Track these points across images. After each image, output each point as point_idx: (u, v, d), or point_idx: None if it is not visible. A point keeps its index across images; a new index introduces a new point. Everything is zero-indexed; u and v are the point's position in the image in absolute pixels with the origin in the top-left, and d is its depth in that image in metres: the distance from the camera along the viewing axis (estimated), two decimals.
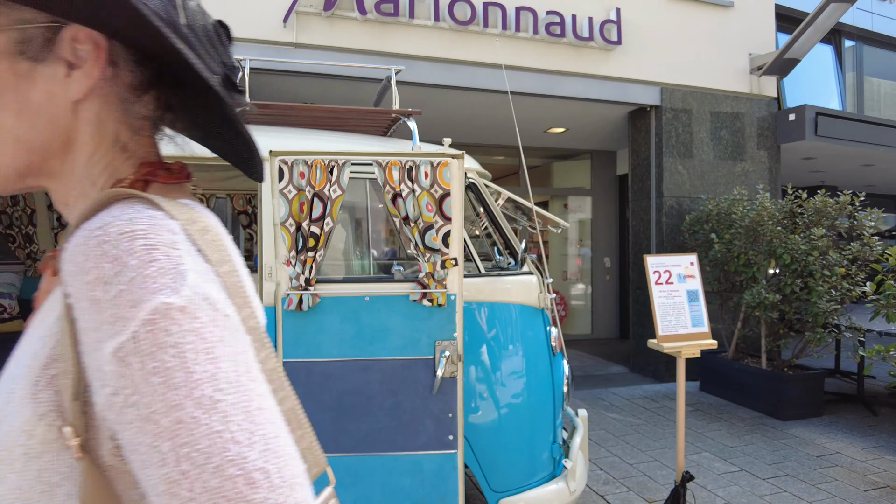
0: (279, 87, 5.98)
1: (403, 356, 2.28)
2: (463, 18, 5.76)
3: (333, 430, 2.26)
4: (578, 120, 7.37)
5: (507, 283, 2.66)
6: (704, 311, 2.69)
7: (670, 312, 2.63)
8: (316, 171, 2.19)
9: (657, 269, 2.66)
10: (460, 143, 8.72)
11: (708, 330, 2.67)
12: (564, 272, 9.31)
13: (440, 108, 6.83)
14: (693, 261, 2.73)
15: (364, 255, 3.20)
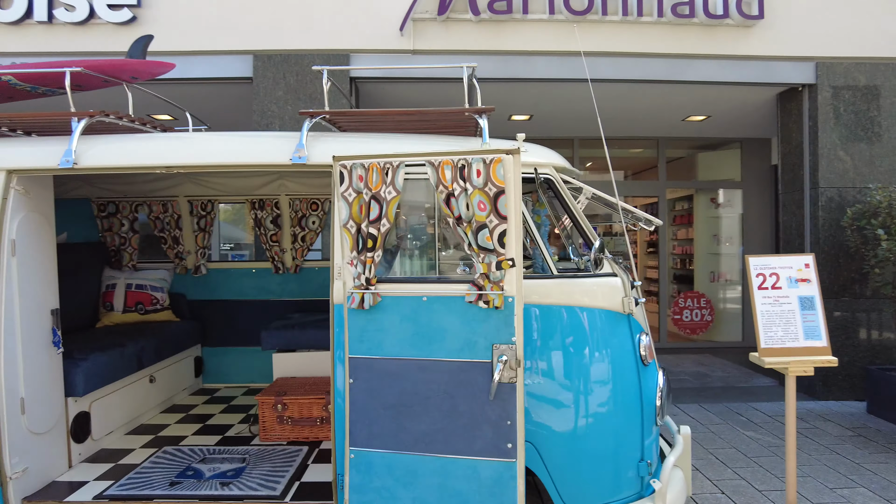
0: (398, 93, 6.23)
1: (460, 358, 2.24)
2: (580, 8, 5.51)
3: (394, 428, 2.29)
4: (719, 106, 6.67)
5: (583, 286, 2.49)
6: (822, 322, 2.28)
7: (776, 322, 2.27)
8: (372, 174, 2.23)
9: (761, 272, 2.32)
10: (588, 138, 8.37)
11: (826, 344, 2.25)
12: (712, 273, 8.50)
13: (560, 102, 6.61)
14: (809, 262, 2.33)
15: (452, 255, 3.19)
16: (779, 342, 2.25)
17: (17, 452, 2.53)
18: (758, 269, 2.33)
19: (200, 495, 2.54)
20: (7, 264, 2.52)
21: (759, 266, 2.33)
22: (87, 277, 3.99)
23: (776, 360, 2.21)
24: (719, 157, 8.67)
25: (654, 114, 7.17)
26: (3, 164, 2.55)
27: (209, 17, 5.67)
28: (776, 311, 2.28)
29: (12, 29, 5.63)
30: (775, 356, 2.22)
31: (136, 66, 2.96)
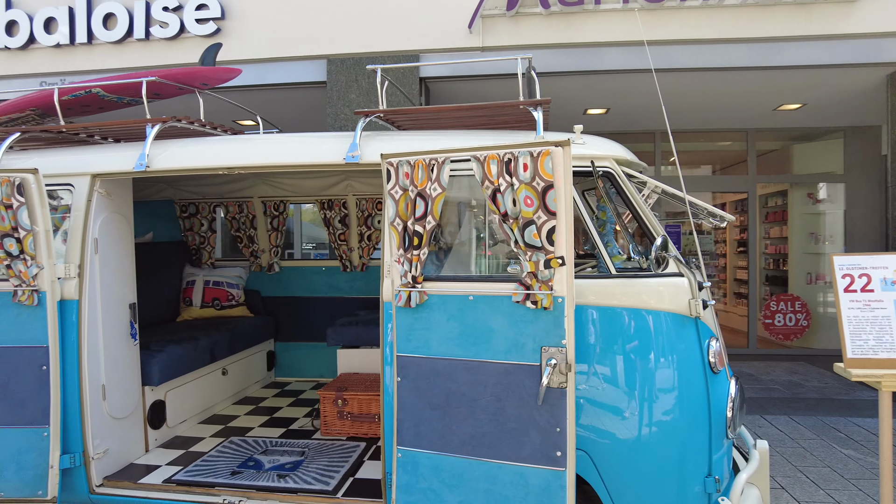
0: (467, 91, 6.19)
1: (507, 360, 2.16)
2: None
3: (441, 429, 2.25)
4: (817, 92, 6.12)
5: (645, 286, 2.34)
6: None
7: (867, 329, 2.02)
8: (418, 171, 2.21)
9: (848, 273, 2.07)
10: (664, 131, 7.94)
11: None
12: (809, 274, 7.82)
13: (638, 94, 6.32)
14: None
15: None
16: (870, 352, 2.00)
17: (99, 435, 2.73)
18: (844, 268, 2.08)
19: (258, 486, 2.62)
20: (90, 261, 2.72)
21: (846, 265, 2.08)
22: (169, 274, 4.26)
23: (866, 373, 1.96)
24: (818, 149, 7.96)
25: (741, 104, 6.69)
26: (88, 169, 2.75)
27: (286, 25, 5.91)
28: (867, 316, 2.02)
29: (116, 48, 6.13)
30: (865, 368, 1.97)
31: (205, 73, 3.12)
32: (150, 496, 2.64)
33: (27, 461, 2.56)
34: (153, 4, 5.96)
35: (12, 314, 2.59)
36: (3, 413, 2.59)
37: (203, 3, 5.89)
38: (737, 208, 8.69)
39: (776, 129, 7.72)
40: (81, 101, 3.18)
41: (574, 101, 6.66)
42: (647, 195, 2.59)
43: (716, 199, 9.10)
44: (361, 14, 5.81)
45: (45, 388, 2.57)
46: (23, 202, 2.52)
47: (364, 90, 5.81)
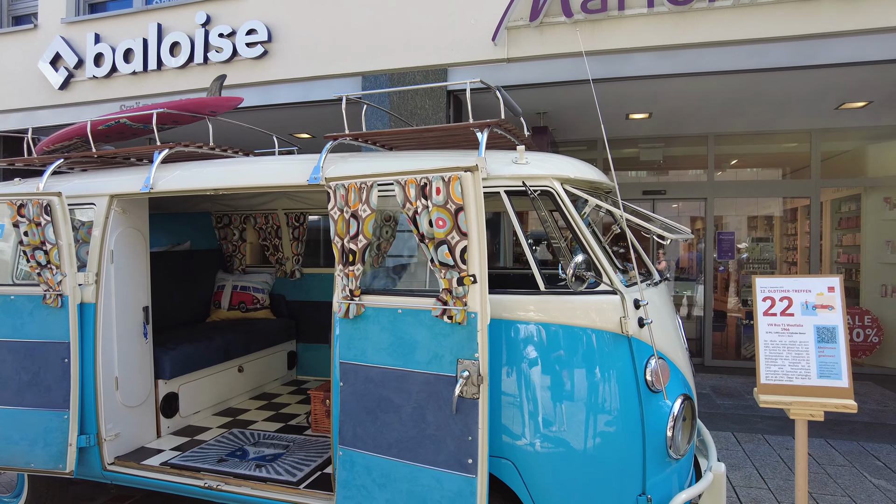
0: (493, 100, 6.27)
1: (428, 370, 2.30)
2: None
3: (374, 431, 2.43)
4: (881, 89, 5.64)
5: (570, 303, 2.39)
6: (845, 360, 1.92)
7: (783, 354, 1.97)
8: (351, 194, 2.40)
9: (769, 295, 2.03)
10: (724, 134, 7.58)
11: (848, 385, 1.89)
12: (884, 286, 7.18)
13: (680, 98, 6.13)
14: (834, 285, 1.97)
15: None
16: (784, 378, 1.95)
17: (112, 420, 3.16)
18: (766, 291, 2.03)
19: (234, 473, 2.93)
20: (106, 270, 3.15)
21: (767, 288, 2.03)
22: (204, 279, 4.73)
23: (776, 399, 1.92)
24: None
25: (797, 104, 6.29)
26: (107, 190, 3.20)
27: (325, 45, 6.30)
28: (783, 341, 1.97)
29: (180, 72, 6.82)
30: (776, 394, 1.93)
31: (212, 103, 3.49)
32: (147, 475, 3.02)
33: (51, 439, 3.03)
34: (211, 32, 6.57)
35: (42, 314, 3.07)
36: (34, 397, 3.07)
37: (252, 28, 6.41)
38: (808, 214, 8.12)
39: (842, 128, 7.15)
40: (116, 130, 3.66)
41: (614, 107, 6.57)
42: (587, 213, 2.63)
43: (786, 203, 8.53)
44: (392, 32, 6.08)
45: (66, 378, 3.02)
46: (49, 220, 2.99)
47: (395, 105, 6.07)
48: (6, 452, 3.07)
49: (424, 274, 2.79)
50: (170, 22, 6.87)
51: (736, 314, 8.14)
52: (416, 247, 2.86)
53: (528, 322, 2.42)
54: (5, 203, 3.05)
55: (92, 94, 7.25)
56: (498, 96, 3.00)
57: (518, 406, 2.39)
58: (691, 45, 5.24)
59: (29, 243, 3.03)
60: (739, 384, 6.53)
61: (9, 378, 3.09)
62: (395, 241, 2.91)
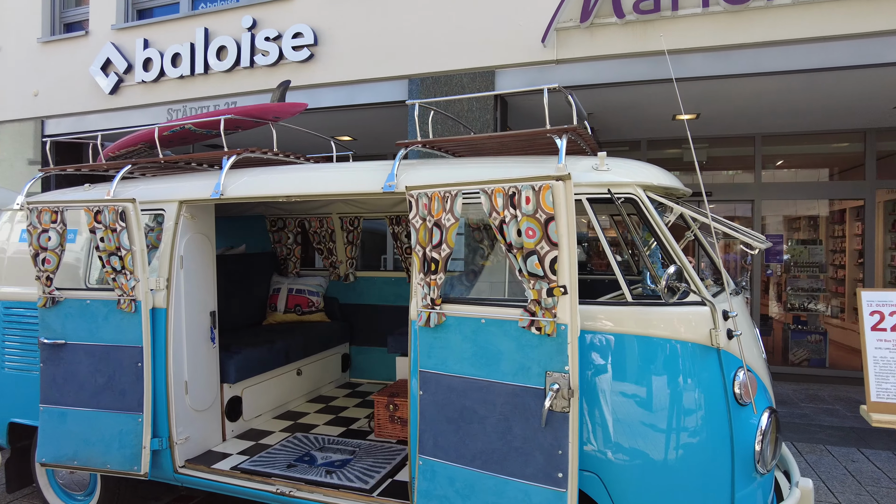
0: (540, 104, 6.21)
1: (515, 382, 2.27)
2: None
3: (456, 442, 2.41)
4: None
5: (659, 315, 2.34)
6: None
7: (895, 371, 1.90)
8: (434, 202, 2.38)
9: (877, 309, 1.95)
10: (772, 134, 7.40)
11: None
12: None
13: (730, 98, 6.00)
14: None
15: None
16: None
17: (182, 423, 3.20)
18: (872, 304, 1.96)
19: (306, 479, 2.94)
20: (176, 275, 3.19)
21: (874, 301, 1.96)
22: (259, 282, 4.77)
23: (890, 419, 1.84)
24: None
25: (852, 103, 6.10)
26: (176, 196, 3.23)
27: (371, 48, 6.31)
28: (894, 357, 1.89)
29: (227, 76, 6.90)
30: (890, 413, 1.85)
31: (276, 109, 3.51)
32: (218, 480, 3.05)
33: (127, 441, 3.07)
34: (257, 35, 6.64)
35: (116, 319, 3.11)
36: (109, 400, 3.12)
37: (299, 31, 6.45)
38: (858, 215, 7.89)
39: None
40: (180, 136, 3.70)
41: (660, 108, 6.46)
42: (670, 222, 2.57)
43: (833, 205, 8.30)
44: (439, 35, 6.06)
45: (139, 382, 3.06)
46: (124, 226, 3.03)
47: (441, 106, 6.05)
48: (84, 453, 3.12)
49: (504, 283, 2.76)
50: (217, 26, 6.96)
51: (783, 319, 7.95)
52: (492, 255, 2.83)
53: (613, 333, 2.38)
54: (82, 209, 3.10)
55: (140, 99, 7.38)
56: (570, 101, 2.96)
57: (605, 419, 2.35)
58: (747, 46, 5.12)
59: (105, 249, 3.08)
60: (791, 391, 6.37)
61: (85, 381, 3.15)
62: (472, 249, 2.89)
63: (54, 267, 3.17)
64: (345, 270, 4.93)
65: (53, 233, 3.14)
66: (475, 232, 3.19)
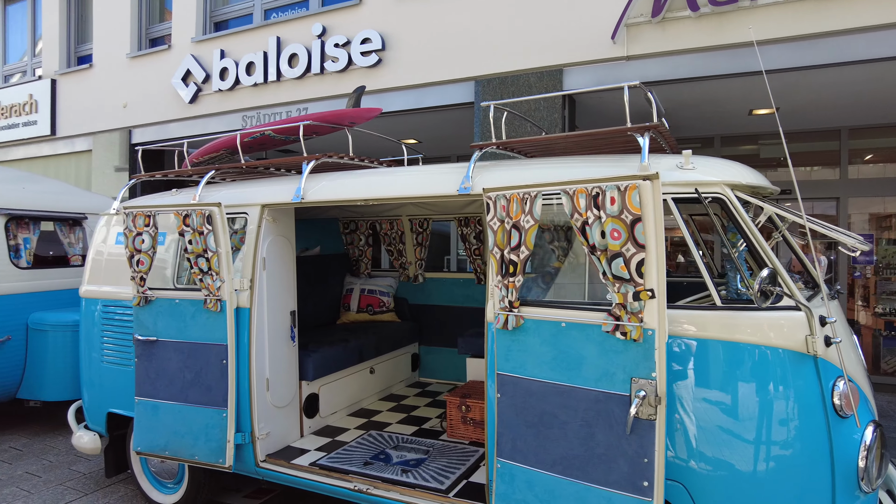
0: (614, 102, 6.08)
1: (598, 388, 2.23)
2: None
3: (535, 446, 2.38)
4: None
5: (752, 320, 2.24)
6: None
7: None
8: (513, 204, 2.37)
9: None
10: (860, 127, 6.94)
11: None
12: None
13: (813, 90, 5.67)
14: None
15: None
16: None
17: (263, 419, 3.32)
18: None
19: (383, 477, 2.99)
20: (259, 276, 3.32)
21: None
22: (333, 282, 4.90)
23: None
24: None
25: None
26: (258, 200, 3.36)
27: (438, 51, 6.36)
28: None
29: (298, 83, 7.13)
30: None
31: (352, 114, 3.59)
32: (298, 475, 3.15)
33: (212, 434, 3.22)
34: (327, 42, 6.82)
35: (203, 317, 3.27)
36: (197, 395, 3.28)
37: (367, 37, 6.59)
38: None
39: None
40: (259, 141, 3.85)
41: (735, 103, 6.19)
42: (761, 222, 2.45)
43: None
44: (505, 35, 6.04)
45: (224, 378, 3.20)
46: (210, 229, 3.18)
47: (510, 107, 6.02)
48: (174, 444, 3.30)
49: (584, 286, 2.72)
50: (288, 35, 7.20)
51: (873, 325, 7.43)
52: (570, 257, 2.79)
53: (695, 338, 2.29)
54: (172, 213, 3.27)
55: (217, 107, 7.74)
56: (650, 98, 2.87)
57: (693, 427, 2.26)
58: (836, 33, 4.82)
59: (193, 251, 3.23)
60: (885, 403, 5.95)
61: (175, 376, 3.32)
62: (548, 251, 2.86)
63: (147, 268, 3.36)
64: (414, 271, 4.99)
65: (147, 235, 3.33)
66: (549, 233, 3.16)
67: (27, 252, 5.23)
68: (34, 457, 4.68)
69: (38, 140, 10.17)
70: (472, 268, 4.73)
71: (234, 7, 8.08)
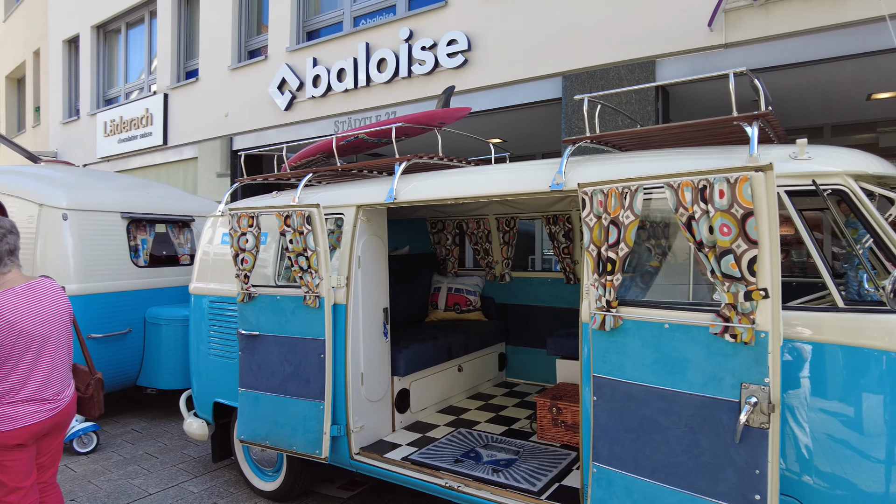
0: (710, 92, 5.76)
1: (703, 393, 2.11)
2: None
3: (634, 452, 2.30)
4: None
5: (872, 323, 2.03)
6: None
7: None
8: (611, 199, 2.29)
9: None
10: None
11: None
12: None
13: None
14: None
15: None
16: None
17: (358, 413, 3.42)
18: None
19: (474, 476, 2.99)
20: (355, 275, 3.42)
21: None
22: (421, 281, 4.98)
23: None
24: None
25: None
26: (354, 201, 3.47)
27: (523, 49, 6.30)
28: None
29: (386, 87, 7.30)
30: None
31: (442, 115, 3.63)
32: (390, 469, 3.22)
33: (310, 426, 3.36)
34: (414, 46, 6.94)
35: (303, 313, 3.41)
36: (296, 387, 3.43)
37: (453, 38, 6.64)
38: None
39: None
40: (353, 145, 3.98)
41: (851, 87, 5.68)
42: (892, 216, 2.22)
43: None
44: (593, 29, 5.88)
45: (321, 372, 3.32)
46: (310, 229, 3.31)
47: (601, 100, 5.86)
48: (274, 434, 3.47)
49: (687, 285, 2.59)
50: (376, 40, 7.40)
51: None
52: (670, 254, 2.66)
53: (810, 342, 2.11)
54: (274, 214, 3.44)
55: (310, 113, 8.08)
56: (758, 86, 2.68)
57: (808, 439, 2.09)
58: None
59: (293, 250, 3.39)
60: None
61: (276, 368, 3.49)
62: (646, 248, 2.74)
63: (251, 266, 3.55)
64: (500, 270, 4.97)
65: (250, 235, 3.53)
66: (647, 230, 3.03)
67: (144, 252, 5.70)
68: (151, 439, 5.09)
69: (152, 150, 11.09)
70: (560, 267, 4.64)
71: (325, 16, 8.41)
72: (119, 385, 5.42)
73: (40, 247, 5.03)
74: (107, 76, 12.91)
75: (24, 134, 16.55)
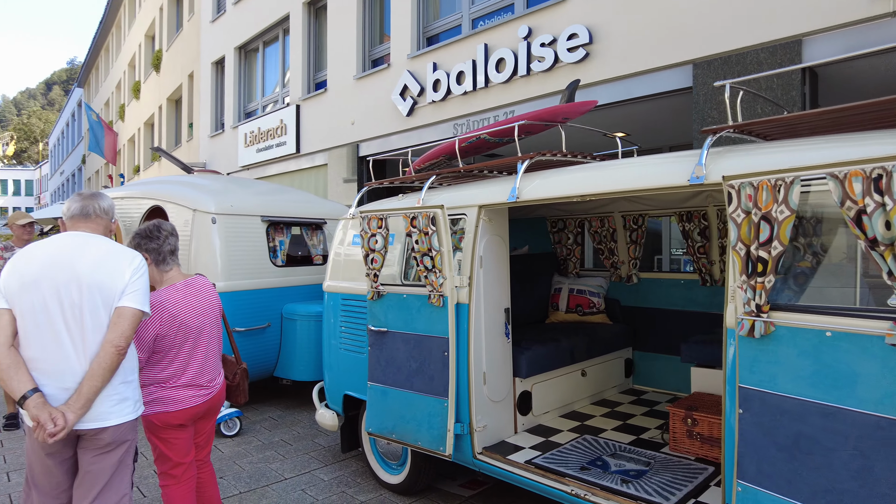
0: (871, 71, 5.08)
1: (878, 413, 1.85)
2: None
3: (788, 472, 2.07)
4: None
5: None
6: None
7: None
8: (762, 193, 2.08)
9: None
10: None
11: None
12: None
13: None
14: None
15: None
16: None
17: (480, 412, 3.42)
18: None
19: (602, 485, 2.86)
20: (477, 274, 3.43)
21: None
22: (541, 281, 4.89)
23: None
24: None
25: None
26: (476, 201, 3.48)
27: (649, 37, 5.98)
28: None
29: (505, 87, 7.28)
30: None
31: (566, 110, 3.53)
32: (513, 471, 3.18)
33: (434, 423, 3.41)
34: (532, 43, 6.85)
35: (427, 311, 3.48)
36: (421, 384, 3.50)
37: (574, 32, 6.46)
38: None
39: None
40: (474, 146, 4.00)
41: None
42: None
43: None
44: (728, 11, 5.43)
45: (445, 369, 3.36)
46: (434, 230, 3.37)
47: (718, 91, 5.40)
48: (400, 429, 3.57)
49: (853, 287, 2.30)
50: (495, 40, 7.40)
51: None
52: (830, 253, 2.37)
53: None
54: (401, 216, 3.54)
55: (431, 117, 8.27)
56: None
57: None
58: None
59: (419, 250, 3.46)
60: None
61: (402, 364, 3.59)
62: (802, 246, 2.47)
63: (380, 266, 3.68)
64: (627, 271, 4.74)
65: (379, 236, 3.66)
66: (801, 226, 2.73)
67: (282, 252, 6.15)
68: (286, 427, 5.47)
69: (286, 158, 11.96)
70: (694, 268, 4.33)
71: (444, 20, 8.57)
72: (258, 375, 5.88)
73: (194, 248, 5.60)
74: (247, 91, 14.16)
75: (180, 148, 18.63)
